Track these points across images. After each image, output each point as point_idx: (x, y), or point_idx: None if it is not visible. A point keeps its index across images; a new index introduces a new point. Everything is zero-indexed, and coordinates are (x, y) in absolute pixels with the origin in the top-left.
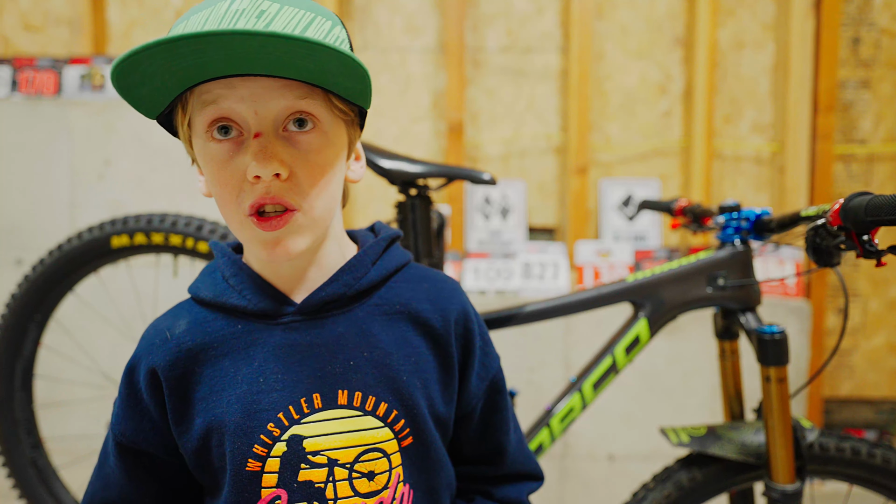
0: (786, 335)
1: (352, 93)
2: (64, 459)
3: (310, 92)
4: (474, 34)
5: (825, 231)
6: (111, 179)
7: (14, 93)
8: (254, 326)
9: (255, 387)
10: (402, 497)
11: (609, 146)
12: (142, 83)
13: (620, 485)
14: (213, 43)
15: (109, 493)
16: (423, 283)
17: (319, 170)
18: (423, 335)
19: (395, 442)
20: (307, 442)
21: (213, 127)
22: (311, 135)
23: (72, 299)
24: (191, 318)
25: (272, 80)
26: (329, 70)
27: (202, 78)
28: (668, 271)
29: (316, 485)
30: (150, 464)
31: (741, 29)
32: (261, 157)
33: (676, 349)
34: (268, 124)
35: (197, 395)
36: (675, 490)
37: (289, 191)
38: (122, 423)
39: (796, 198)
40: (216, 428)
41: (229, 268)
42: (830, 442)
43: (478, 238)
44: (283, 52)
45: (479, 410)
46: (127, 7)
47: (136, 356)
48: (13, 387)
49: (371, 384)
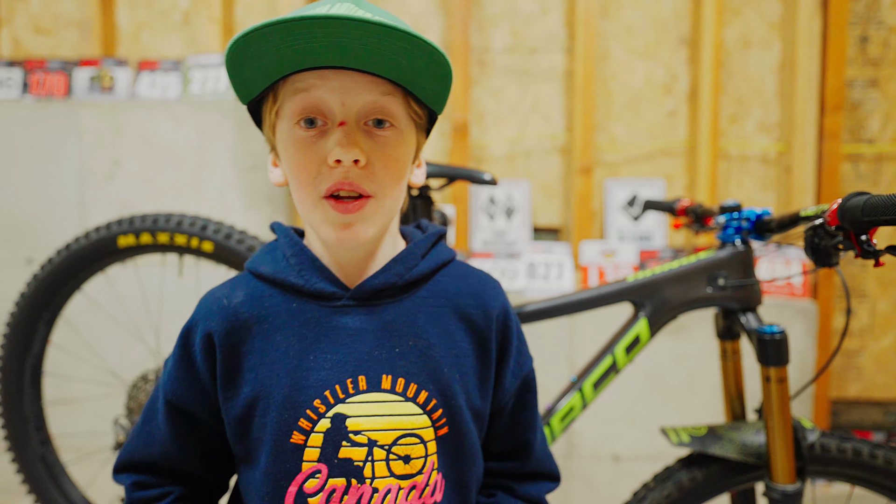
0: (786, 335)
1: (431, 95)
2: (72, 456)
3: (392, 90)
4: (479, 35)
5: (823, 231)
6: (120, 179)
7: (25, 94)
8: (308, 306)
9: (304, 363)
10: (435, 484)
11: (614, 146)
12: (249, 63)
13: (625, 485)
14: (327, 26)
15: (151, 450)
16: (467, 279)
17: (394, 162)
18: (465, 329)
19: (432, 430)
20: (350, 421)
21: (301, 116)
22: (388, 131)
23: (80, 298)
24: (248, 290)
25: (361, 75)
26: (418, 68)
27: (301, 66)
28: (669, 271)
29: (355, 463)
30: (195, 425)
31: (747, 28)
32: (344, 142)
33: (681, 349)
34: (352, 115)
35: (247, 364)
36: (675, 490)
37: (365, 178)
38: (173, 383)
39: (803, 198)
40: (263, 398)
41: (291, 248)
42: (832, 442)
43: (482, 238)
44: (384, 45)
45: (511, 407)
46: (135, 9)
47: (193, 320)
48: (23, 383)
49: (414, 372)
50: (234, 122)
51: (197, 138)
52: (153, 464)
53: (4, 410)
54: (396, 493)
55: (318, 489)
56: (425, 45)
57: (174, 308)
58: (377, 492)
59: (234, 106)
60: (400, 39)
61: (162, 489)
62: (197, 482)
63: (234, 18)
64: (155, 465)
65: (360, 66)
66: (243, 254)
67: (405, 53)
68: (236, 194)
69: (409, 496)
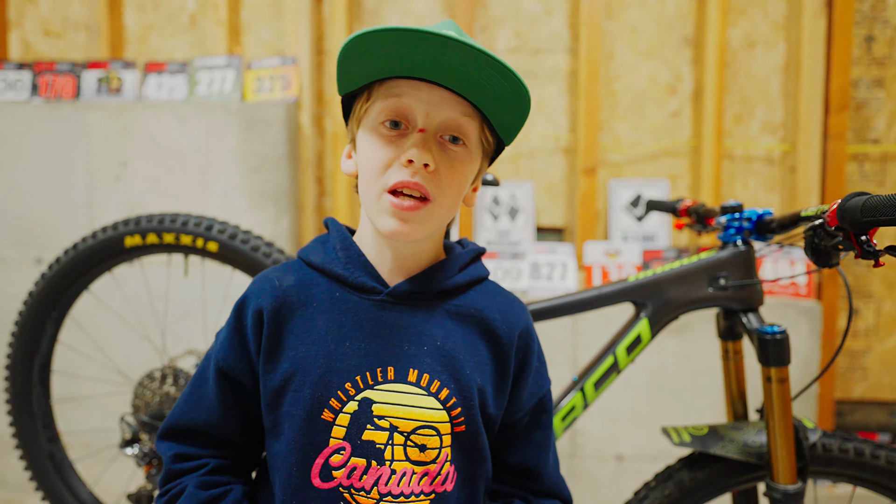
0: (787, 335)
1: (505, 126)
2: (80, 453)
3: (472, 113)
4: (483, 36)
5: (823, 231)
6: (127, 181)
7: (34, 96)
8: (349, 297)
9: (341, 348)
10: (447, 474)
11: (618, 146)
12: (357, 60)
13: (629, 485)
14: (433, 42)
15: (198, 415)
16: (496, 296)
17: (458, 175)
18: (487, 341)
19: (449, 425)
20: (376, 406)
21: (388, 118)
22: (459, 148)
23: (87, 297)
24: (298, 276)
25: (448, 92)
26: (501, 98)
27: (399, 73)
28: (670, 271)
29: (377, 445)
30: (240, 393)
31: (752, 28)
32: (420, 146)
33: (685, 349)
34: (432, 126)
35: (289, 342)
36: (676, 489)
37: (430, 182)
38: (226, 351)
39: (808, 198)
40: (300, 374)
41: (341, 242)
42: (833, 443)
43: (486, 238)
44: (478, 70)
45: (525, 423)
46: (143, 12)
47: (247, 296)
48: (31, 381)
49: (438, 370)
50: (238, 123)
51: (203, 139)
52: (195, 429)
53: (13, 408)
54: (411, 477)
55: (342, 464)
56: (514, 77)
57: (180, 307)
58: (394, 473)
59: (238, 107)
60: (493, 68)
61: (198, 461)
62: (231, 451)
63: (239, 21)
64: (197, 430)
65: (450, 85)
66: (248, 253)
67: (494, 81)
68: (241, 195)
69: (422, 481)
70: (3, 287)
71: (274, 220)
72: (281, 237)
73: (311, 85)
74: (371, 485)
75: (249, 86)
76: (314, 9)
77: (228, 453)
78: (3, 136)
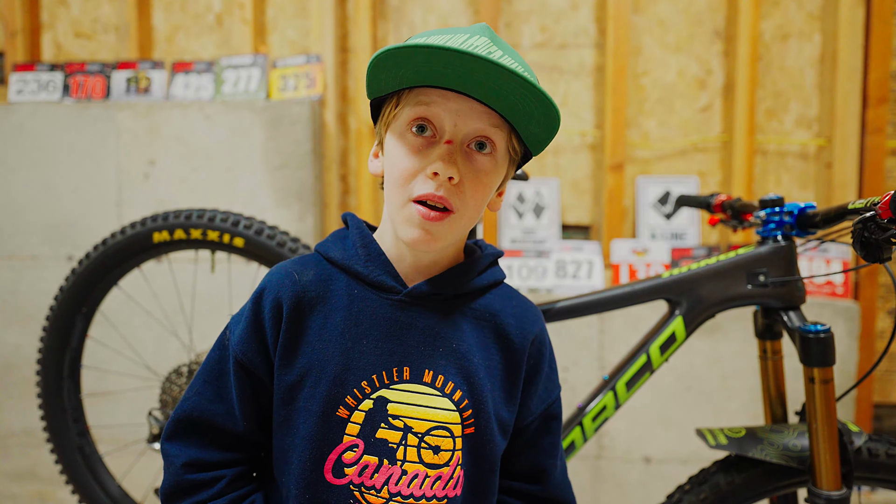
0: (831, 334)
1: (533, 139)
2: (109, 447)
3: (500, 123)
4: (508, 31)
5: (874, 224)
6: (155, 179)
7: (66, 97)
8: (368, 294)
9: (358, 346)
10: (458, 479)
11: (646, 142)
12: (388, 70)
13: (657, 487)
14: (465, 60)
15: (217, 407)
16: (511, 301)
17: (482, 187)
18: (500, 346)
19: (461, 427)
20: (391, 406)
21: (415, 122)
22: (486, 158)
23: (116, 293)
24: (317, 270)
25: (477, 103)
26: (530, 113)
27: (430, 83)
28: (706, 267)
29: (390, 444)
30: (257, 386)
31: (786, 20)
32: (447, 159)
33: (715, 349)
34: (459, 136)
35: (307, 337)
36: (711, 493)
37: (454, 194)
38: (244, 343)
39: (845, 194)
40: (316, 370)
41: (361, 238)
42: (880, 447)
43: (511, 236)
44: (507, 87)
45: (534, 429)
46: (171, 13)
47: (265, 287)
48: (62, 376)
49: (452, 372)
50: (263, 121)
51: (229, 138)
52: (212, 425)
53: (45, 402)
54: (423, 480)
55: (355, 461)
56: (544, 97)
57: (206, 303)
58: (406, 474)
59: (264, 105)
60: (523, 87)
61: (215, 472)
62: (245, 452)
63: (265, 20)
64: (214, 425)
65: (479, 97)
66: (273, 249)
67: (523, 97)
68: (266, 192)
69: (435, 485)
70: (35, 283)
71: (298, 217)
72: (305, 234)
73: (335, 83)
74: (382, 483)
75: (274, 84)
76: (338, 7)
77: (243, 455)
78: (36, 136)
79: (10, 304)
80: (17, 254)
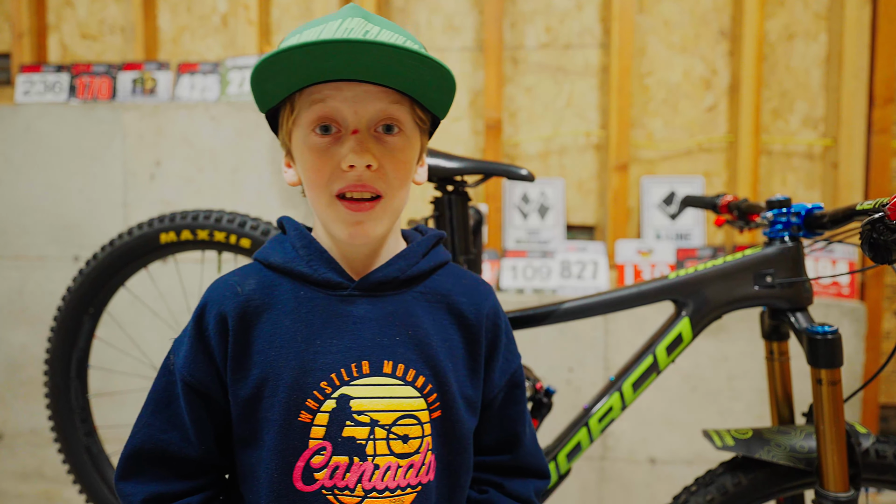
0: (839, 335)
1: (436, 104)
2: (116, 447)
3: (400, 99)
4: (513, 32)
5: (883, 225)
6: (161, 179)
7: (72, 98)
8: (315, 294)
9: (312, 347)
10: (429, 464)
11: (651, 143)
12: (271, 79)
13: (662, 489)
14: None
15: (170, 436)
16: (461, 279)
17: (402, 165)
18: (457, 324)
19: (427, 412)
20: (354, 402)
21: (317, 124)
22: (396, 137)
23: (123, 294)
24: (259, 279)
25: (372, 85)
26: (425, 82)
27: (318, 79)
28: (713, 268)
29: (358, 441)
30: (210, 406)
31: (792, 19)
32: (357, 149)
33: (721, 350)
34: (364, 123)
35: (257, 347)
36: (718, 494)
37: (378, 180)
38: (190, 365)
39: (851, 194)
40: (272, 379)
41: (300, 240)
42: (888, 449)
43: (515, 236)
44: (396, 63)
45: (500, 401)
46: (176, 14)
47: (206, 302)
48: (69, 376)
49: (412, 359)
50: None
51: (235, 138)
52: (167, 454)
53: (52, 402)
54: (395, 471)
55: (324, 465)
56: (433, 63)
57: None
58: (378, 468)
59: None
60: (411, 59)
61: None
62: (206, 478)
63: (270, 21)
64: (169, 455)
65: (372, 80)
66: None
67: (413, 69)
68: (273, 193)
69: (408, 474)
70: (41, 283)
71: (305, 218)
72: None
73: None
74: (355, 482)
75: None
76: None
77: (206, 481)
78: (43, 137)
79: (17, 305)
80: (23, 254)
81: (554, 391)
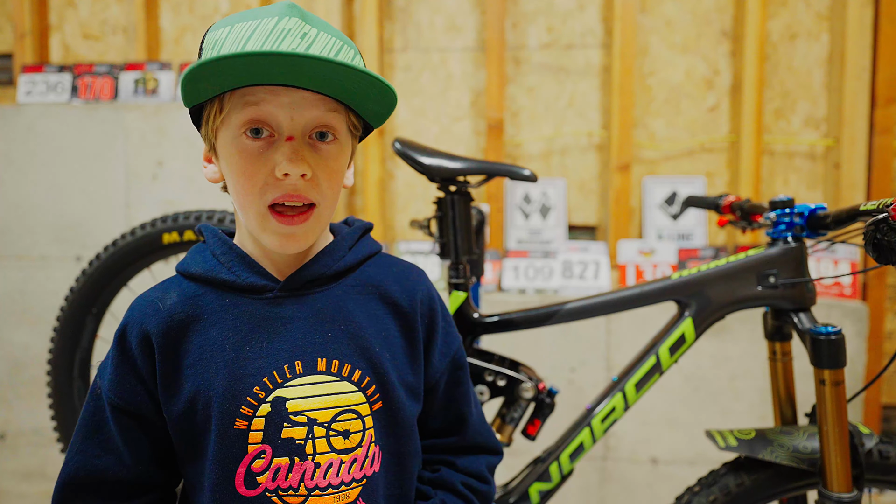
0: (842, 336)
1: (373, 116)
2: None
3: (337, 107)
4: (515, 32)
5: (887, 226)
6: (164, 179)
7: (74, 98)
8: (241, 300)
9: (242, 354)
10: (373, 456)
11: (653, 143)
12: (205, 80)
13: (663, 489)
14: (292, 61)
15: (101, 461)
16: (392, 268)
17: (335, 174)
18: (391, 313)
19: (367, 405)
20: (290, 403)
21: (248, 126)
22: (330, 145)
23: (126, 294)
24: (181, 291)
25: (309, 92)
26: (364, 94)
27: (254, 83)
28: (716, 268)
29: (297, 441)
30: (143, 426)
31: (794, 19)
32: (293, 158)
33: (723, 350)
34: (299, 130)
35: (186, 361)
36: (721, 495)
37: (311, 189)
38: (117, 388)
39: (853, 195)
40: (204, 391)
41: (220, 247)
42: (891, 449)
43: (517, 237)
44: (337, 75)
45: (444, 384)
46: (178, 14)
47: (127, 323)
48: (72, 376)
49: (347, 353)
50: None
51: None
52: (103, 480)
53: (55, 402)
54: (339, 467)
55: (265, 468)
56: (375, 80)
57: None
58: (319, 466)
59: None
60: (354, 75)
61: None
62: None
63: None
64: (105, 480)
65: (311, 87)
66: None
67: (355, 83)
68: None
69: (352, 468)
70: (43, 283)
71: None
72: None
73: None
74: (297, 481)
75: None
76: (345, 8)
77: (147, 500)
78: (45, 137)
79: (19, 304)
80: (26, 254)
81: (557, 392)
